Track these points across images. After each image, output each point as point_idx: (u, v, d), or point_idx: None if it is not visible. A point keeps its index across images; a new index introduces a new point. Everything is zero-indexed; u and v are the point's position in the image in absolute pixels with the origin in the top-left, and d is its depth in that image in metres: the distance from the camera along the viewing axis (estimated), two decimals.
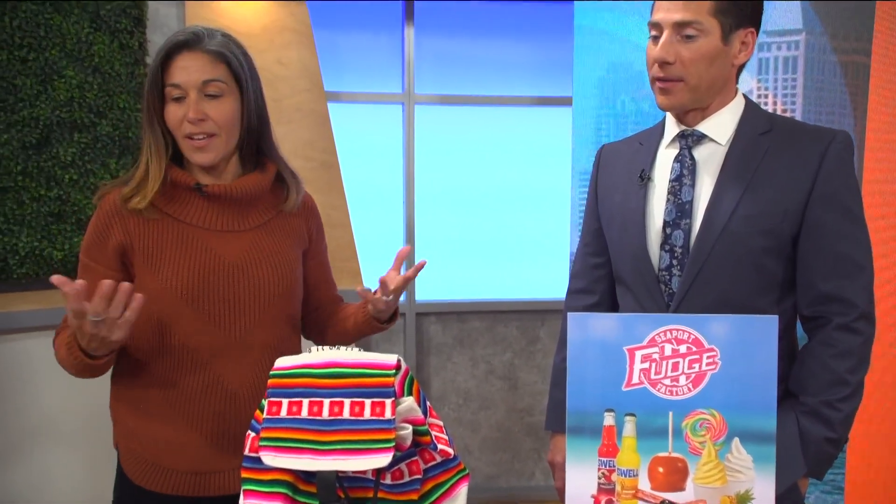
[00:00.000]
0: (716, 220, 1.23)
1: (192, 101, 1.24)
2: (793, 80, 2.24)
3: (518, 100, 3.33)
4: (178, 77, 1.24)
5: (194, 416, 1.27)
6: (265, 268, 1.32)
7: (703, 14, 1.21)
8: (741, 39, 1.25)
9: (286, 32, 2.96)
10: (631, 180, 1.34)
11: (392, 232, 3.31)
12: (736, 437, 1.04)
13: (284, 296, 1.35)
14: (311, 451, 0.94)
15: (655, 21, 1.25)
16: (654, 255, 1.29)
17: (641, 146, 1.37)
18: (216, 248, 1.29)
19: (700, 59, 1.22)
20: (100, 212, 1.30)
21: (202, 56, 1.25)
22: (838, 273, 1.22)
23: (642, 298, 1.30)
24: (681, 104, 1.27)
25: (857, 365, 1.22)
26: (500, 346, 3.36)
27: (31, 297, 2.52)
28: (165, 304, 1.26)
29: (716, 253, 1.23)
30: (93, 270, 1.29)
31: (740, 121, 1.28)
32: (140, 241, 1.28)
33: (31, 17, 2.46)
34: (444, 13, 3.26)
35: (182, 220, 1.29)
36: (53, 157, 2.53)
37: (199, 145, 1.27)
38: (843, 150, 1.24)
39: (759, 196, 1.23)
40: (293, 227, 1.40)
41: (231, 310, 1.28)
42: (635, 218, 1.30)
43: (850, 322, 1.22)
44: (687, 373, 1.06)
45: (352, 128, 3.20)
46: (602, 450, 1.06)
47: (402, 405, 0.97)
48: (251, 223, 1.34)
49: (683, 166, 1.28)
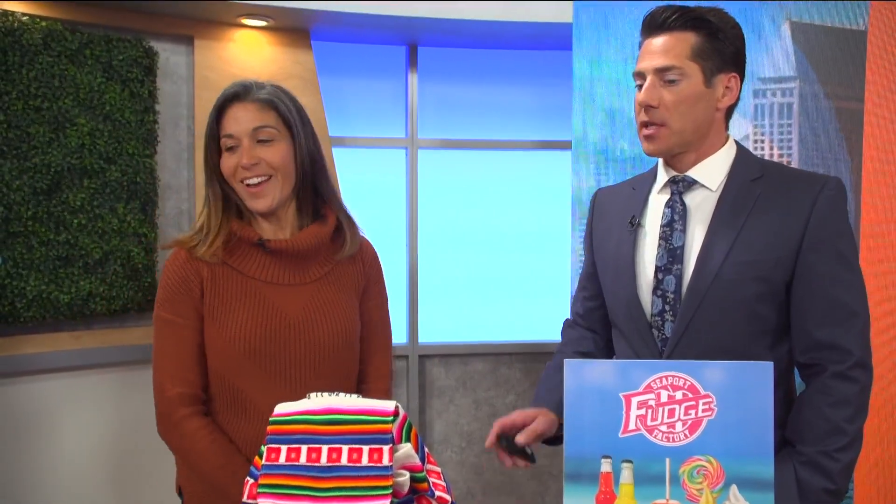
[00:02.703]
0: (708, 267, 1.24)
1: (245, 148, 1.30)
2: (788, 125, 2.29)
3: (519, 144, 3.39)
4: (230, 128, 1.30)
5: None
6: (324, 322, 1.34)
7: (682, 59, 1.24)
8: (724, 84, 1.27)
9: (292, 79, 3.04)
10: (623, 226, 1.35)
11: (395, 274, 3.33)
12: (734, 485, 1.04)
13: (343, 347, 1.36)
14: (309, 497, 0.95)
15: (639, 70, 1.29)
16: (645, 301, 1.29)
17: (634, 191, 1.39)
18: (278, 302, 1.31)
19: (682, 101, 1.24)
20: (174, 265, 1.32)
21: (252, 105, 1.31)
22: (832, 320, 1.22)
23: (636, 344, 1.30)
24: (666, 149, 1.29)
25: (854, 414, 1.20)
26: (502, 388, 3.35)
27: (38, 340, 2.54)
28: (229, 358, 1.29)
29: (708, 299, 1.23)
30: (179, 327, 1.30)
31: (732, 167, 1.29)
32: (210, 291, 1.30)
33: (47, 69, 2.54)
34: (446, 60, 3.35)
35: (245, 273, 1.32)
36: (63, 202, 2.58)
37: (254, 191, 1.31)
38: (834, 196, 1.24)
39: (752, 243, 1.23)
40: (350, 275, 1.41)
41: (291, 365, 1.31)
42: (626, 264, 1.31)
43: (845, 370, 1.21)
44: (683, 419, 1.06)
45: (356, 172, 3.26)
46: (600, 497, 1.05)
47: (399, 452, 0.98)
48: (312, 276, 1.36)
49: (674, 212, 1.29)
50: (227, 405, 1.30)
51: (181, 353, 1.29)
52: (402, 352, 3.25)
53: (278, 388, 1.29)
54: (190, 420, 1.28)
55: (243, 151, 1.29)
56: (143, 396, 1.49)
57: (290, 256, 1.34)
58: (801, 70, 2.27)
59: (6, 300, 2.46)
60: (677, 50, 1.24)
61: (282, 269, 1.33)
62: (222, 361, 1.29)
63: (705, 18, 1.25)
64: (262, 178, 1.30)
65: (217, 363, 1.29)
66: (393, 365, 1.48)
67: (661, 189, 1.34)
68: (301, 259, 1.34)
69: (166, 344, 1.30)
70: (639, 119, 1.29)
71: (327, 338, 1.33)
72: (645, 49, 1.29)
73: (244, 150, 1.29)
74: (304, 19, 2.93)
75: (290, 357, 1.30)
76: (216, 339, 1.29)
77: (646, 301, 1.29)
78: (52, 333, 2.60)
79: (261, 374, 1.29)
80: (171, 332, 1.29)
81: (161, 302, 1.31)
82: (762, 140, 2.28)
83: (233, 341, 1.28)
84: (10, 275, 2.47)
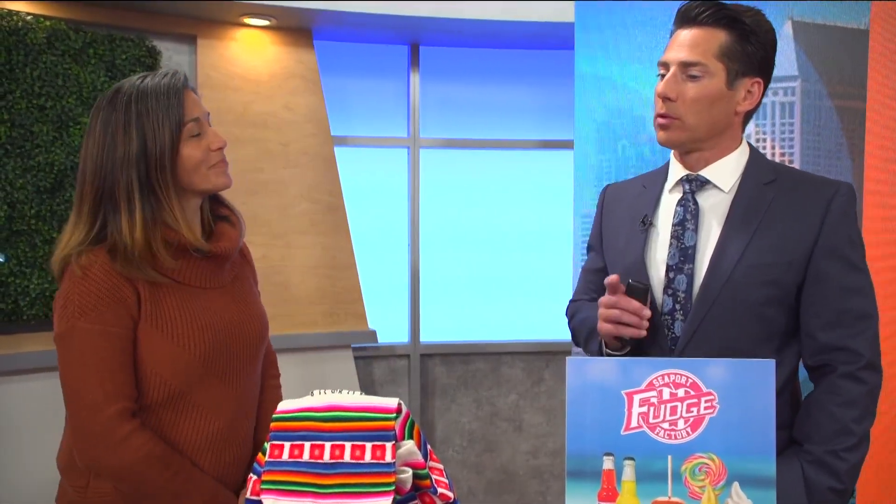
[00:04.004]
0: (721, 269, 1.24)
1: (213, 130, 1.30)
2: (790, 124, 2.29)
3: (521, 143, 3.39)
4: (195, 112, 1.27)
5: (207, 471, 1.26)
6: (251, 319, 1.35)
7: (709, 56, 1.23)
8: (746, 87, 1.26)
9: (294, 79, 3.05)
10: (633, 225, 1.34)
11: (397, 274, 3.34)
12: (736, 482, 1.04)
13: (265, 340, 1.39)
14: (313, 494, 0.95)
15: (664, 61, 1.27)
16: (657, 300, 1.29)
17: (645, 189, 1.38)
18: (212, 305, 1.29)
19: (701, 99, 1.23)
20: (97, 272, 1.19)
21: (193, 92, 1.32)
22: (842, 324, 1.22)
23: (645, 343, 1.29)
24: (679, 141, 1.28)
25: (862, 414, 1.21)
26: (504, 387, 3.35)
27: (41, 338, 2.55)
28: (180, 363, 1.23)
29: (720, 301, 1.24)
30: (112, 337, 1.18)
31: (745, 169, 1.29)
32: (148, 298, 1.22)
33: (51, 68, 2.55)
34: (448, 59, 3.35)
35: (172, 277, 1.24)
36: (66, 200, 2.58)
37: (223, 168, 1.31)
38: (845, 202, 1.24)
39: (764, 247, 1.24)
40: (249, 273, 1.43)
41: (230, 362, 1.30)
42: (637, 263, 1.31)
43: (855, 371, 1.21)
44: (685, 416, 1.07)
45: (358, 171, 3.26)
46: (602, 494, 1.06)
47: (402, 448, 0.98)
48: (228, 277, 1.34)
49: (686, 210, 1.29)
50: (170, 410, 1.24)
51: (116, 365, 1.17)
52: (403, 351, 3.26)
53: (219, 386, 1.28)
54: (136, 436, 1.17)
55: (212, 132, 1.26)
56: None
57: (214, 260, 1.29)
58: (803, 69, 2.27)
59: (9, 298, 2.46)
60: (705, 46, 1.23)
61: (206, 272, 1.29)
62: (170, 368, 1.22)
63: (739, 19, 1.23)
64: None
65: (162, 372, 1.21)
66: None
67: (673, 187, 1.34)
68: (222, 261, 1.31)
69: (94, 357, 1.16)
70: (657, 109, 1.28)
71: (256, 332, 1.34)
72: (674, 40, 1.27)
73: (212, 132, 1.26)
74: (306, 19, 2.94)
75: (230, 355, 1.29)
76: (164, 349, 1.21)
77: (657, 299, 1.29)
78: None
79: (207, 375, 1.26)
80: (100, 343, 1.16)
81: (81, 312, 1.16)
82: (764, 139, 2.28)
83: (188, 349, 1.23)
84: (14, 273, 2.47)
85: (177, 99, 1.21)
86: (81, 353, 1.17)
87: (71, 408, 1.18)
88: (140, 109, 1.20)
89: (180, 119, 1.21)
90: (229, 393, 1.29)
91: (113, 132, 1.20)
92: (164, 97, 1.21)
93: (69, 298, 1.18)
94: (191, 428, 1.26)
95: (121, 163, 1.19)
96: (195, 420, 1.26)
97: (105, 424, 1.16)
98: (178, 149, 1.22)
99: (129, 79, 1.24)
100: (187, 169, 1.23)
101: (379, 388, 3.19)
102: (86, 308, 1.17)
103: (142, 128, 1.19)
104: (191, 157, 1.23)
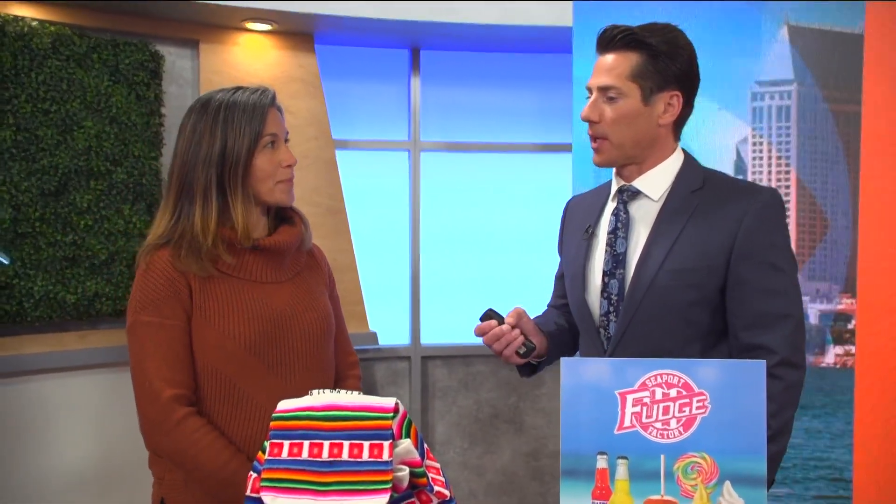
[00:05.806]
0: (645, 274, 1.32)
1: (286, 147, 1.40)
2: (787, 128, 2.31)
3: (520, 146, 3.42)
4: (274, 128, 1.37)
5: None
6: (309, 314, 1.38)
7: (622, 79, 1.32)
8: (665, 101, 1.33)
9: (295, 83, 3.07)
10: (581, 234, 1.45)
11: (398, 276, 3.36)
12: (727, 481, 1.06)
13: (326, 336, 1.41)
14: (311, 491, 0.97)
15: (588, 86, 1.38)
16: (594, 303, 1.39)
17: (594, 201, 1.48)
18: (266, 299, 1.34)
19: (620, 118, 1.32)
20: (156, 269, 1.30)
21: (277, 109, 1.41)
22: (760, 325, 1.29)
23: (586, 343, 1.42)
24: (611, 160, 1.37)
25: (777, 409, 1.25)
26: (505, 389, 3.37)
27: (45, 340, 2.57)
28: (228, 355, 1.29)
29: (645, 304, 1.32)
30: (168, 328, 1.28)
31: (676, 178, 1.37)
32: (199, 291, 1.30)
33: (56, 72, 2.58)
34: (449, 63, 3.37)
35: (229, 273, 1.32)
36: (70, 203, 2.61)
37: (290, 186, 1.40)
38: (763, 208, 1.31)
39: (686, 252, 1.31)
40: (317, 274, 1.47)
41: (284, 357, 1.34)
42: (579, 270, 1.41)
43: (769, 368, 1.24)
44: (678, 416, 1.08)
45: (359, 174, 3.29)
46: (595, 492, 1.08)
47: (399, 447, 1.00)
48: (288, 273, 1.39)
49: (618, 220, 1.37)
50: (223, 403, 1.31)
51: (172, 354, 1.27)
52: (404, 353, 3.28)
53: (273, 382, 1.32)
54: (189, 420, 1.26)
55: (285, 150, 1.36)
56: None
57: (272, 255, 1.36)
58: (798, 73, 2.29)
59: (14, 300, 2.49)
60: (619, 70, 1.33)
61: (263, 268, 1.36)
62: (220, 359, 1.29)
63: (646, 41, 1.32)
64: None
65: (213, 362, 1.29)
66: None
67: (612, 198, 1.42)
68: (280, 257, 1.38)
69: (153, 347, 1.27)
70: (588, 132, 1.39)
71: (313, 328, 1.38)
72: (595, 65, 1.38)
73: (286, 149, 1.37)
74: (307, 23, 2.97)
75: (283, 350, 1.33)
76: (212, 338, 1.29)
77: (594, 303, 1.39)
78: (58, 333, 2.63)
79: (258, 365, 1.31)
80: (158, 334, 1.27)
81: (142, 306, 1.28)
82: (760, 143, 2.30)
83: (233, 338, 1.29)
84: (18, 275, 2.50)
85: (261, 113, 1.32)
86: (142, 344, 1.27)
87: (136, 395, 1.28)
88: (227, 117, 1.31)
89: (259, 131, 1.32)
90: (285, 387, 1.31)
91: (200, 133, 1.31)
92: (251, 110, 1.32)
93: (134, 294, 1.31)
94: (246, 421, 1.30)
95: (202, 161, 1.31)
96: (250, 413, 1.30)
97: (161, 409, 1.25)
98: (252, 157, 1.32)
99: (224, 88, 1.37)
100: (258, 178, 1.33)
101: (380, 390, 3.21)
102: (145, 302, 1.28)
103: (225, 133, 1.31)
104: (263, 168, 1.33)
